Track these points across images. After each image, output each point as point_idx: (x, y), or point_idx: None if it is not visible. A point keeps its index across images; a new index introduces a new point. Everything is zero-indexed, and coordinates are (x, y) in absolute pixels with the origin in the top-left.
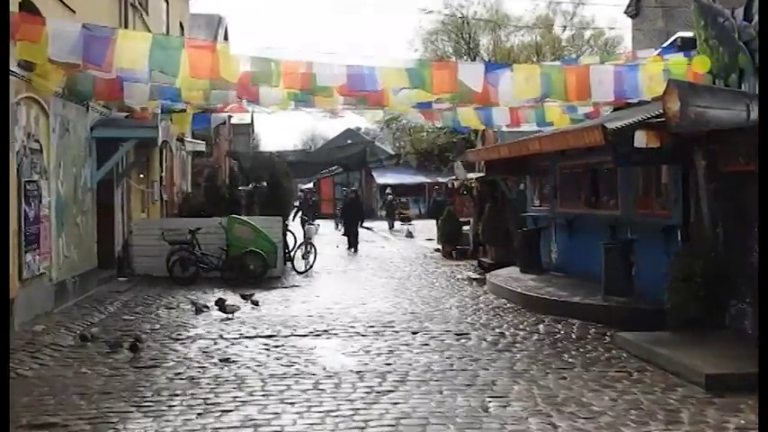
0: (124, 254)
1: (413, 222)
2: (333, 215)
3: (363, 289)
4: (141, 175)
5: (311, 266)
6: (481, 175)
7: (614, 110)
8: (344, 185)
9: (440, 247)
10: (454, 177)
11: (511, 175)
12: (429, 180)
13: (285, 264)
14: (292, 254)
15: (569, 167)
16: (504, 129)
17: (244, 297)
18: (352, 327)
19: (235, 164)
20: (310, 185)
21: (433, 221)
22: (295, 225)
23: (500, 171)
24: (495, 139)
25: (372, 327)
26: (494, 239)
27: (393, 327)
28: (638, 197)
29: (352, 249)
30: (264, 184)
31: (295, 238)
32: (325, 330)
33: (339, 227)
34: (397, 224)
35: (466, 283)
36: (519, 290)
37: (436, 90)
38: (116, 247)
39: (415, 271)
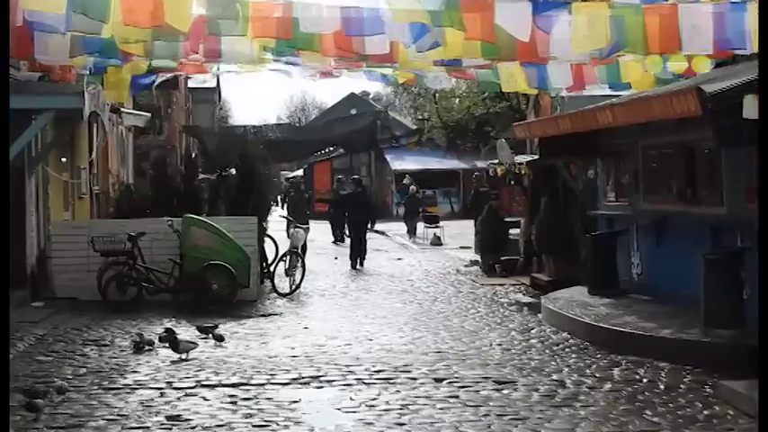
0: (40, 269)
1: (441, 224)
2: (330, 214)
3: (370, 318)
4: (63, 160)
5: (298, 286)
6: (534, 157)
7: (716, 65)
8: (346, 173)
9: (478, 258)
10: (497, 161)
11: (575, 159)
12: (464, 165)
13: (262, 282)
14: (272, 268)
15: (655, 147)
16: (565, 93)
17: (203, 330)
18: (351, 372)
19: (194, 144)
20: (299, 173)
21: (472, 223)
22: (277, 228)
23: (560, 153)
24: (554, 107)
25: (381, 372)
26: (552, 248)
27: (409, 372)
28: (750, 189)
29: (357, 262)
30: (233, 171)
31: (276, 246)
32: (315, 377)
33: (338, 233)
34: (421, 226)
35: (513, 309)
36: (586, 319)
37: (470, 36)
38: (28, 259)
39: (443, 292)
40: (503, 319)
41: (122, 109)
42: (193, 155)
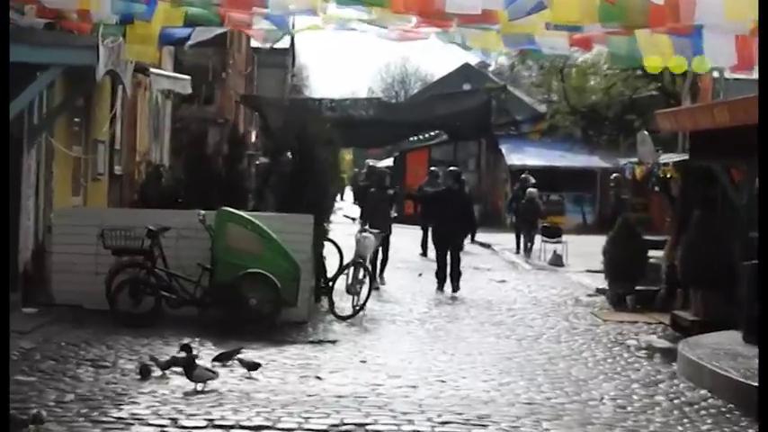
0: (35, 267)
1: (564, 239)
2: (420, 217)
3: (448, 354)
4: (75, 130)
5: (362, 307)
6: (683, 157)
7: None
8: (447, 166)
9: (606, 286)
10: (636, 160)
11: (736, 161)
12: (604, 164)
13: (317, 300)
14: (331, 283)
15: None
16: (729, 74)
17: (228, 356)
18: (409, 421)
19: (254, 119)
20: (388, 162)
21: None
22: (346, 233)
23: (716, 152)
24: (715, 93)
25: (447, 424)
26: (702, 277)
27: (485, 426)
28: None
29: (447, 284)
30: (289, 155)
31: (340, 254)
32: (360, 425)
33: (426, 243)
34: (538, 241)
35: (641, 354)
36: (733, 374)
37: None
38: (21, 254)
39: (551, 328)
40: (624, 367)
41: (154, 70)
42: (251, 132)
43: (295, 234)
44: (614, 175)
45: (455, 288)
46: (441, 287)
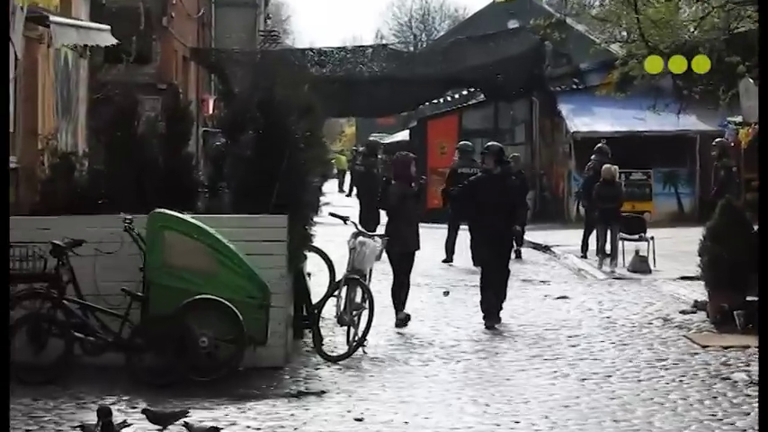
0: None
1: (651, 235)
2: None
3: (482, 405)
4: None
5: (360, 343)
6: None
7: None
8: (484, 137)
9: (706, 298)
10: (737, 120)
11: None
12: (705, 126)
13: (297, 336)
14: (316, 311)
15: None
16: None
17: (170, 419)
18: None
19: (213, 81)
20: (403, 136)
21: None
22: (334, 236)
23: None
24: None
25: None
26: None
27: None
28: None
29: (494, 313)
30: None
31: (330, 269)
32: None
33: (451, 246)
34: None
35: (752, 393)
36: None
37: None
38: None
39: (629, 361)
40: (728, 412)
41: (56, 18)
42: (192, 100)
43: (263, 243)
44: (717, 140)
45: (495, 311)
46: (490, 318)
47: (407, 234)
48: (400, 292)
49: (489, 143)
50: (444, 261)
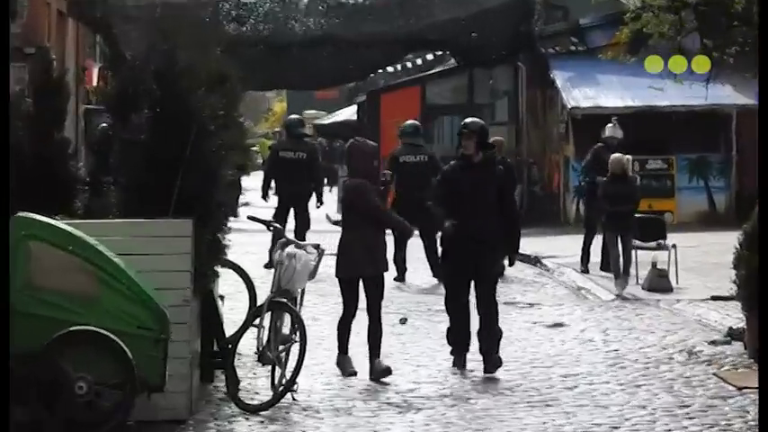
0: None
1: (673, 243)
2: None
3: None
4: None
5: (288, 387)
6: None
7: None
8: (458, 112)
9: (743, 324)
10: None
11: None
12: (744, 99)
13: (206, 378)
14: (231, 345)
15: None
16: None
17: None
18: None
19: (99, 44)
20: (349, 114)
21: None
22: (254, 246)
23: None
24: None
25: None
26: None
27: None
28: None
29: (459, 342)
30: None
31: (250, 289)
32: None
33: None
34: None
35: None
36: None
37: None
38: None
39: (641, 407)
40: None
41: None
42: (69, 72)
43: (161, 257)
44: None
45: (490, 364)
46: (458, 356)
47: (374, 256)
48: (373, 333)
49: (468, 120)
50: (396, 279)
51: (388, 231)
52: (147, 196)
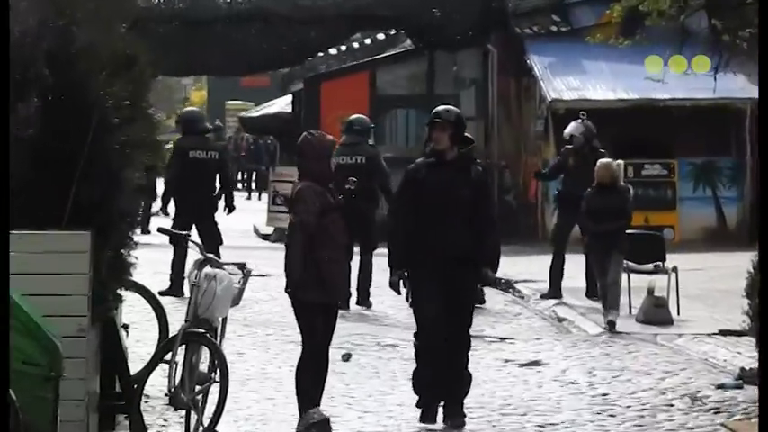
0: None
1: (674, 265)
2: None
3: None
4: None
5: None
6: None
7: None
8: (415, 104)
9: (755, 364)
10: None
11: None
12: (750, 92)
13: (108, 427)
14: (137, 386)
15: None
16: None
17: None
18: None
19: None
20: (281, 106)
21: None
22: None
23: None
24: None
25: None
26: None
27: None
28: None
29: (427, 393)
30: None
31: (160, 318)
32: None
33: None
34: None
35: None
36: None
37: None
38: None
39: None
40: None
41: None
42: None
43: (52, 277)
44: None
45: (454, 419)
46: (428, 409)
47: (332, 274)
48: (312, 374)
49: (440, 108)
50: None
51: None
52: (36, 203)
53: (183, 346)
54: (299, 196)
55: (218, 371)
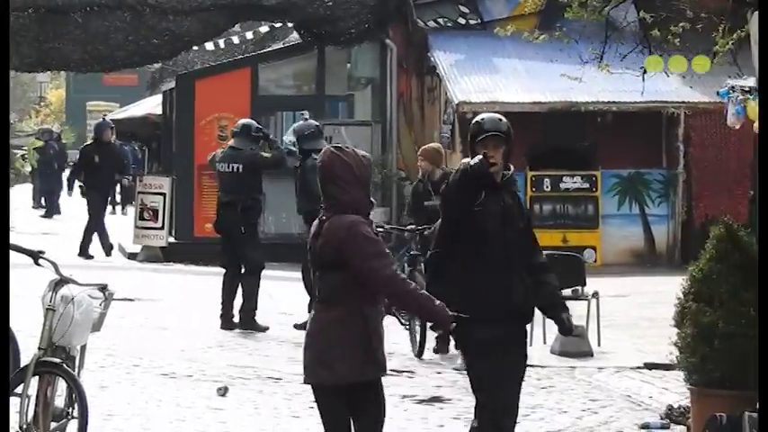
0: None
1: (594, 290)
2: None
3: None
4: None
5: None
6: None
7: None
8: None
9: (687, 401)
10: (742, 86)
11: None
12: (695, 94)
13: None
14: None
15: None
16: None
17: None
18: None
19: None
20: (149, 107)
21: None
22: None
23: None
24: None
25: None
26: None
27: None
28: None
29: None
30: None
31: (10, 345)
32: None
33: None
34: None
35: None
36: None
37: None
38: None
39: None
40: None
41: None
42: None
43: None
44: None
45: None
46: None
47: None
48: None
49: (489, 117)
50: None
51: None
52: None
53: (37, 378)
54: (373, 242)
55: (76, 405)
